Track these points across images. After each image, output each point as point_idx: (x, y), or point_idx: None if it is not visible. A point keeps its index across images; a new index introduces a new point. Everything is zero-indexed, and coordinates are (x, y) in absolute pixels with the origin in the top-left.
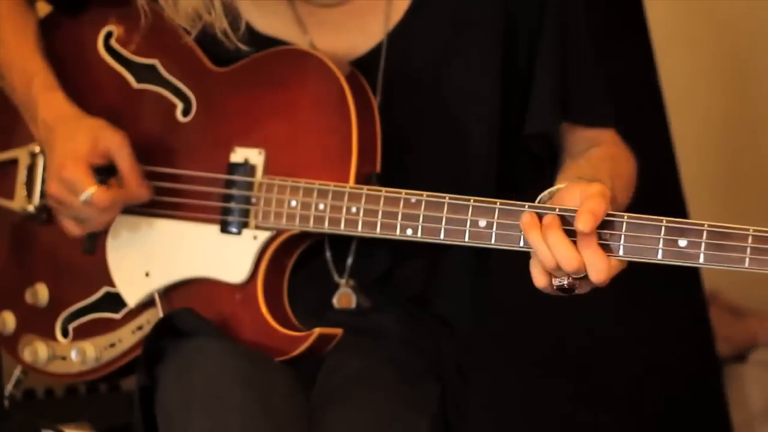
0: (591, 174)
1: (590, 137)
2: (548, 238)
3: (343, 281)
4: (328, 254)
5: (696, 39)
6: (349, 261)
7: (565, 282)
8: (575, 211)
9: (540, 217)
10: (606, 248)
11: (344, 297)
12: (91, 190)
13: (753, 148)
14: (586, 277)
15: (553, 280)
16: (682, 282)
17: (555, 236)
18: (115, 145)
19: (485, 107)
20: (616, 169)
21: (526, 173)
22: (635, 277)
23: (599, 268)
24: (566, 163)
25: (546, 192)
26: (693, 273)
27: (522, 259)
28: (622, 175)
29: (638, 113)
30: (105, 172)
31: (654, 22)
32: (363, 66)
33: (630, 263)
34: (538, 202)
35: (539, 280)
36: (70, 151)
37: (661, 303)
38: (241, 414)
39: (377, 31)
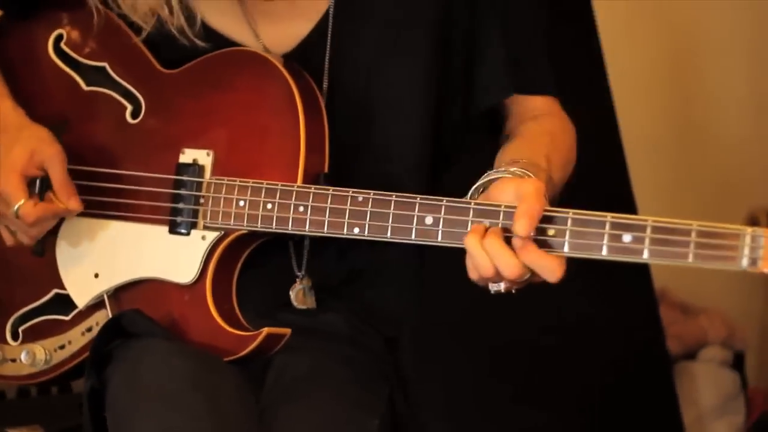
0: (528, 156)
1: (533, 106)
2: (486, 246)
3: (297, 280)
4: (291, 252)
5: (643, 38)
6: (304, 260)
7: (503, 287)
8: (515, 208)
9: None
10: (551, 245)
11: (299, 295)
12: (19, 203)
13: (699, 144)
14: (530, 277)
15: (489, 286)
16: (632, 280)
17: (493, 243)
18: (48, 157)
19: (424, 99)
20: (554, 144)
21: (459, 157)
22: (584, 275)
23: (551, 269)
24: (505, 144)
25: (480, 182)
26: (643, 271)
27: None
28: (561, 149)
29: (587, 111)
30: (48, 184)
31: (602, 21)
32: (297, 59)
33: (577, 261)
34: (471, 194)
35: (473, 274)
36: (7, 162)
37: (610, 302)
38: (190, 415)
39: (308, 23)
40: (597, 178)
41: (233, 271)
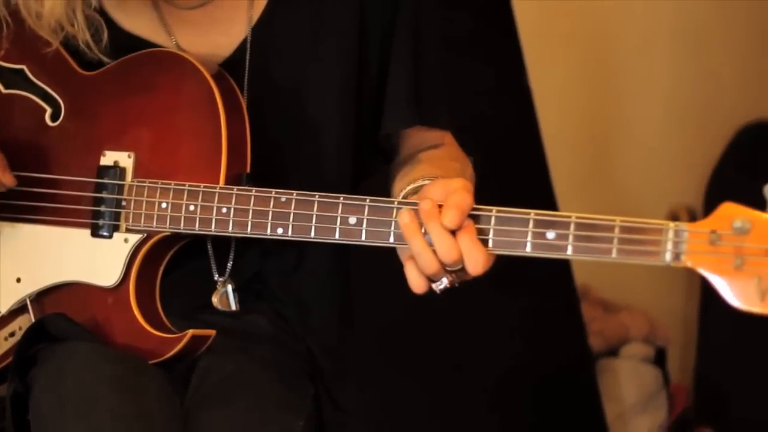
0: (438, 172)
1: (430, 138)
2: (430, 228)
3: (221, 281)
4: (210, 254)
5: (562, 37)
6: (229, 262)
7: (447, 283)
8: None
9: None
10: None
11: (222, 298)
12: None
13: (618, 143)
14: (461, 271)
15: (433, 286)
16: (554, 278)
17: (436, 227)
18: None
19: (342, 105)
20: (463, 171)
21: (375, 166)
22: (506, 273)
23: (477, 259)
24: (407, 167)
25: (409, 187)
26: (564, 268)
27: (387, 258)
28: (465, 175)
29: (508, 112)
30: None
31: (521, 21)
32: (229, 66)
33: (501, 258)
34: (402, 198)
35: (419, 285)
36: None
37: (532, 299)
38: (114, 418)
39: (240, 31)
40: (517, 177)
41: (156, 274)
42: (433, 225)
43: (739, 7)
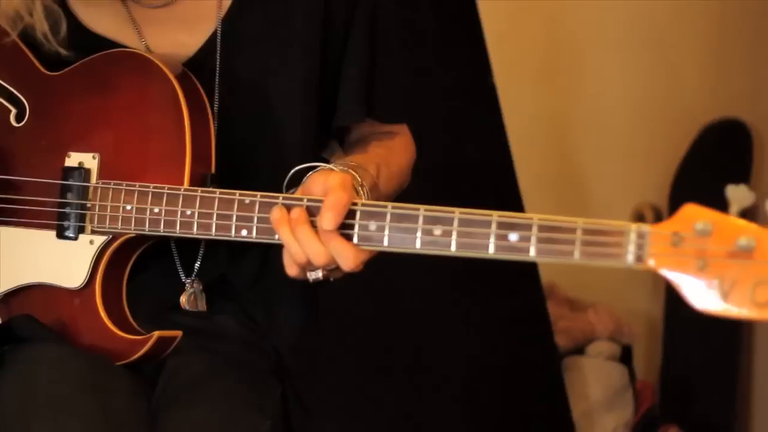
0: (360, 159)
1: (384, 131)
2: (297, 234)
3: (188, 282)
4: (175, 255)
5: (527, 36)
6: (196, 263)
7: (320, 275)
8: (322, 200)
9: (288, 210)
10: (438, 244)
11: (190, 298)
12: None
13: (584, 142)
14: (336, 270)
15: (308, 274)
16: (520, 276)
17: (303, 232)
18: None
19: (305, 102)
20: (386, 158)
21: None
22: (472, 272)
23: (346, 257)
24: (345, 149)
25: (291, 172)
26: (530, 267)
27: None
28: (391, 164)
29: (473, 111)
30: None
31: (486, 20)
32: (194, 65)
33: (464, 259)
34: (286, 185)
35: (291, 270)
36: None
37: (498, 298)
38: (82, 420)
39: (205, 30)
40: (483, 176)
41: (122, 275)
42: (299, 231)
43: (702, 7)
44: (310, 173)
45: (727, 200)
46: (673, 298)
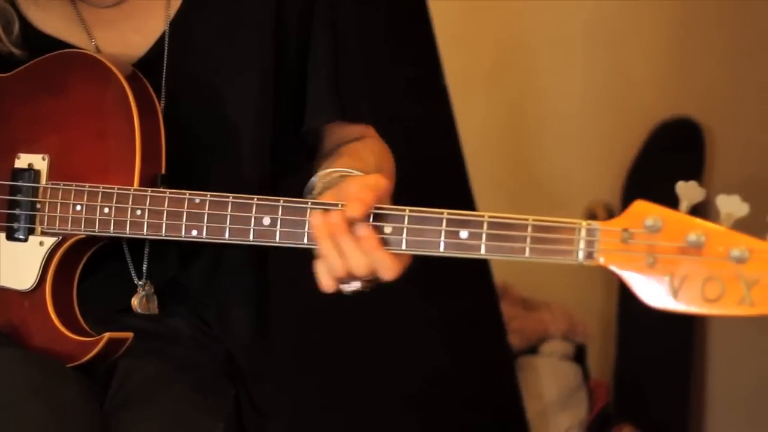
0: (360, 169)
1: (353, 132)
2: (340, 245)
3: (140, 284)
4: (127, 257)
5: (479, 36)
6: (145, 264)
7: (359, 286)
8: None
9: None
10: (389, 242)
11: (142, 301)
12: None
13: (536, 140)
14: (374, 277)
15: (342, 287)
16: (473, 277)
17: (346, 242)
18: None
19: (259, 102)
20: (379, 164)
21: (298, 164)
22: (425, 272)
23: (389, 267)
24: (329, 160)
25: (323, 172)
26: (483, 267)
27: (305, 258)
28: (386, 169)
29: (425, 111)
30: None
31: (438, 20)
32: (146, 65)
33: (418, 258)
34: (310, 193)
35: (328, 284)
36: None
37: (451, 298)
38: (33, 423)
39: (157, 30)
40: (435, 175)
41: (73, 276)
42: (343, 239)
43: (654, 6)
44: (337, 177)
45: (677, 197)
46: (625, 295)
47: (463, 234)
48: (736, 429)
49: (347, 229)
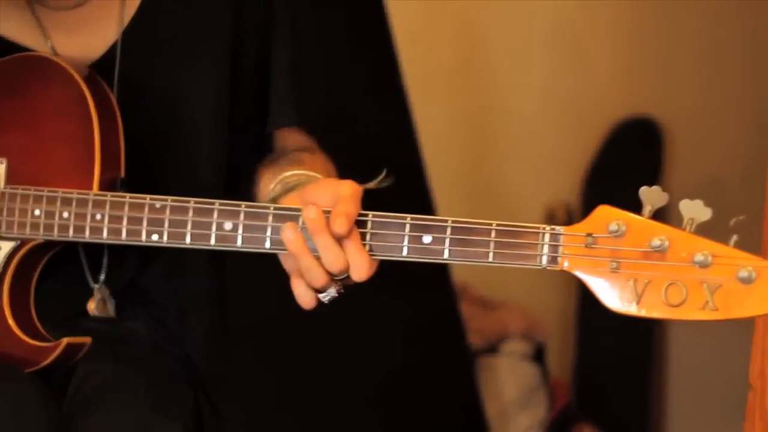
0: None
1: (301, 141)
2: (317, 240)
3: (96, 288)
4: (83, 261)
5: (438, 38)
6: (103, 268)
7: (335, 293)
8: (329, 211)
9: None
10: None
11: (99, 304)
12: None
13: (496, 143)
14: (346, 279)
15: (320, 296)
16: (432, 276)
17: (324, 239)
18: None
19: (216, 104)
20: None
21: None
22: (384, 273)
23: (362, 266)
24: (284, 163)
25: (281, 176)
26: (442, 268)
27: (264, 262)
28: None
29: (383, 113)
30: None
31: (397, 22)
32: (101, 68)
33: (380, 261)
34: (271, 199)
35: (308, 301)
36: None
37: (411, 298)
38: None
39: (113, 32)
40: (395, 178)
41: (31, 281)
42: (322, 236)
43: (612, 5)
44: (300, 182)
45: (640, 201)
46: (584, 295)
47: (427, 239)
48: (696, 427)
49: (326, 227)
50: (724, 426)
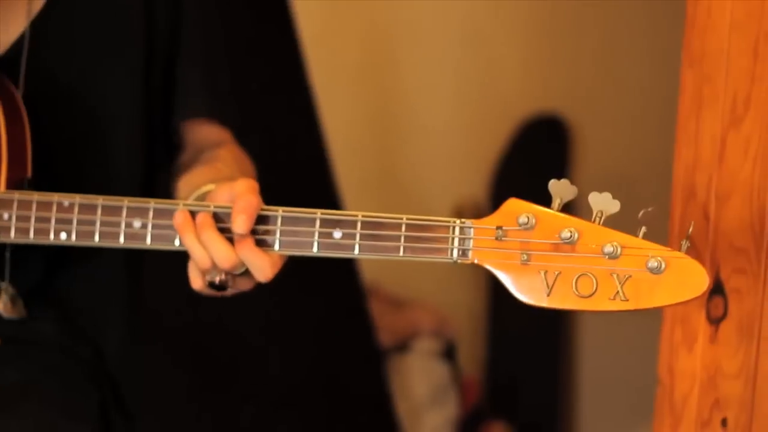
0: (229, 174)
1: (213, 135)
2: (202, 238)
3: (2, 288)
4: None
5: (347, 36)
6: (7, 268)
7: (217, 279)
8: (230, 208)
9: (193, 215)
10: (263, 243)
11: (7, 306)
12: None
13: (405, 140)
14: (246, 275)
15: (207, 277)
16: (341, 275)
17: (209, 235)
18: None
19: (128, 102)
20: (243, 170)
21: (163, 164)
22: (293, 272)
23: (261, 267)
24: (196, 166)
25: (195, 193)
26: (351, 265)
27: (176, 261)
28: (248, 174)
29: (290, 112)
30: None
31: (305, 20)
32: (7, 62)
33: (289, 256)
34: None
35: (196, 282)
36: None
37: (320, 297)
38: None
39: (18, 27)
40: (303, 176)
41: None
42: (206, 234)
43: (518, 2)
44: (198, 195)
45: (550, 194)
46: (495, 292)
47: (337, 234)
48: (606, 423)
49: (213, 226)
50: (634, 420)
